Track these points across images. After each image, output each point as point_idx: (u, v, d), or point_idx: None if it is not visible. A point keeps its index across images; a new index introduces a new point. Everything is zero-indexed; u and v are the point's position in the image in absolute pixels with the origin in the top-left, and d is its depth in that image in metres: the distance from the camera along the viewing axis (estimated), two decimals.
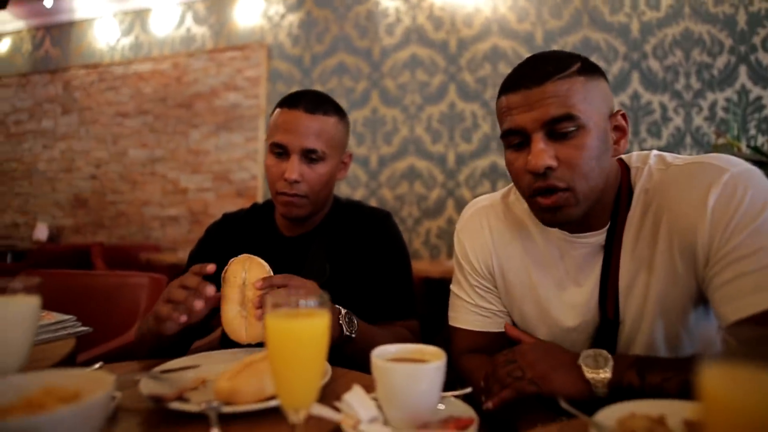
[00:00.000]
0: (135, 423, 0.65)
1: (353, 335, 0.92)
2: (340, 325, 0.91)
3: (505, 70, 3.66)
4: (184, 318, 0.81)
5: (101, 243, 4.49)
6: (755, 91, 3.19)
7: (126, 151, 4.85)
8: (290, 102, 1.09)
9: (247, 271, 0.89)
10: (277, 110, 1.10)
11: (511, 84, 0.76)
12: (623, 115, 0.78)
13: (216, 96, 4.51)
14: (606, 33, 3.49)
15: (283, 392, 0.49)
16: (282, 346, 0.49)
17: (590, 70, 0.75)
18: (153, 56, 4.78)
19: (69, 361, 1.02)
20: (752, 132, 3.18)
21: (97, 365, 0.87)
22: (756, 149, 1.90)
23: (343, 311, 0.93)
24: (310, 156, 1.06)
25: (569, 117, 0.71)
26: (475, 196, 1.01)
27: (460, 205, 3.76)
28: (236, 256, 1.17)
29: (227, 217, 1.28)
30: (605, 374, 0.66)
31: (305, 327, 0.49)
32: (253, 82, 4.37)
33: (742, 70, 3.22)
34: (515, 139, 0.76)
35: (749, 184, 0.68)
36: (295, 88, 4.26)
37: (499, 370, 0.74)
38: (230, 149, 4.45)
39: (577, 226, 0.82)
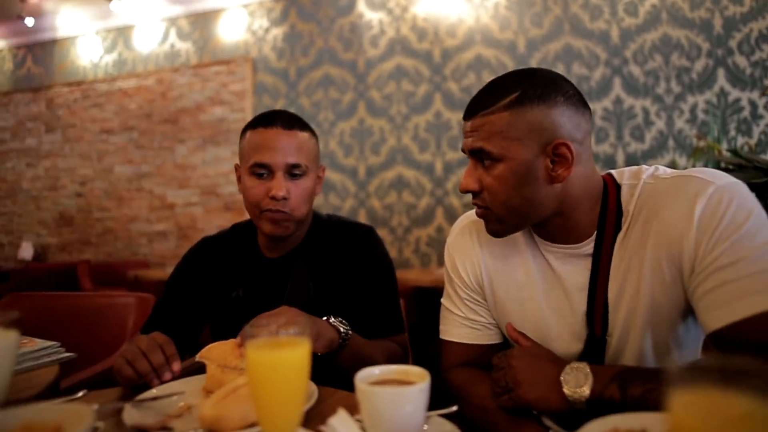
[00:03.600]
0: None
1: (350, 332, 0.94)
2: (334, 326, 0.92)
3: (489, 78, 3.68)
4: (155, 382, 0.85)
5: (88, 261, 4.44)
6: (734, 93, 3.26)
7: (112, 167, 4.82)
8: (264, 121, 1.08)
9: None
10: (250, 131, 1.09)
11: (464, 112, 0.84)
12: (567, 146, 0.76)
13: (202, 110, 4.50)
14: (587, 40, 3.54)
15: (265, 422, 0.49)
16: (262, 376, 0.48)
17: (526, 101, 0.75)
18: (137, 72, 4.76)
19: (53, 388, 1.00)
20: (732, 133, 3.24)
21: (80, 393, 0.85)
22: (735, 152, 1.94)
23: (332, 318, 0.94)
24: (293, 172, 1.07)
25: (481, 151, 0.78)
26: (464, 204, 1.05)
27: (449, 213, 3.78)
28: (217, 281, 1.17)
29: (206, 242, 1.25)
30: (584, 392, 0.67)
31: (286, 357, 0.49)
32: (238, 95, 4.37)
33: (720, 73, 3.29)
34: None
35: (734, 196, 0.70)
36: (281, 101, 4.28)
37: (492, 375, 0.78)
38: (217, 163, 4.43)
39: (556, 237, 0.83)
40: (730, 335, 0.65)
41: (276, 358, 0.48)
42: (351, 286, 1.12)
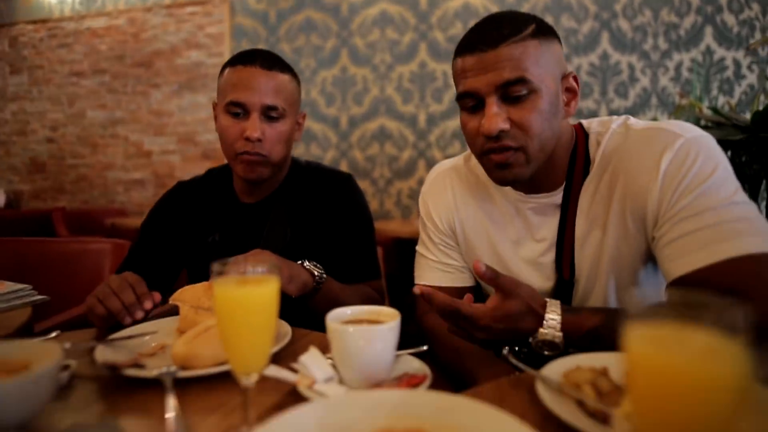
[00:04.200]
0: (90, 391, 0.65)
1: (324, 276, 0.94)
2: (308, 270, 0.93)
3: None
4: (127, 320, 0.84)
5: (63, 208, 4.33)
6: (719, 52, 3.24)
7: (84, 112, 4.63)
8: (244, 59, 1.05)
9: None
10: (229, 69, 1.06)
11: (466, 46, 0.76)
12: (575, 77, 0.79)
13: (177, 54, 4.30)
14: None
15: (234, 358, 0.49)
16: (230, 314, 0.48)
17: (544, 32, 0.75)
18: (107, 11, 4.49)
19: (26, 330, 1.00)
20: (714, 92, 3.25)
21: (53, 333, 0.85)
22: (715, 110, 1.95)
23: (306, 262, 0.94)
24: (269, 114, 1.04)
25: (522, 80, 0.72)
26: (446, 157, 1.03)
27: (431, 165, 3.75)
28: (193, 225, 1.16)
29: (182, 185, 1.24)
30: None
31: (253, 294, 0.48)
32: (216, 39, 4.17)
33: (708, 30, 3.25)
34: (470, 102, 0.77)
35: (701, 149, 0.71)
36: (261, 46, 4.09)
37: (459, 323, 0.73)
38: (195, 110, 4.29)
39: (531, 186, 0.84)
40: (692, 282, 0.67)
41: (243, 295, 0.48)
42: (328, 232, 1.12)
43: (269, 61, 1.05)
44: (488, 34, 0.73)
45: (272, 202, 1.14)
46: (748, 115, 2.87)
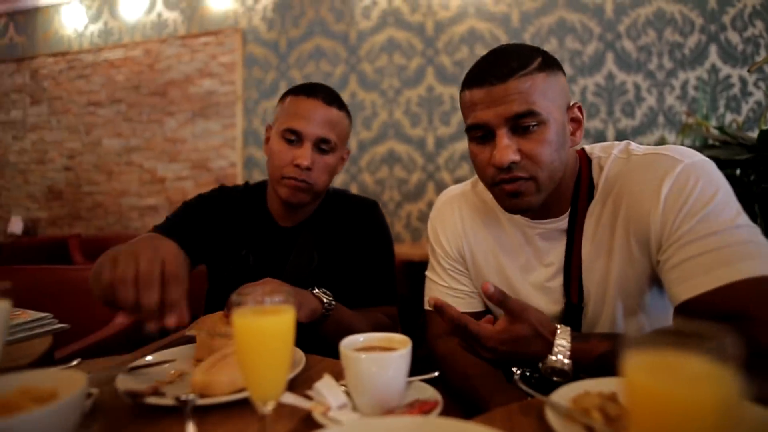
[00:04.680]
0: (112, 419, 0.67)
1: (333, 303, 0.96)
2: (317, 297, 0.95)
3: (482, 52, 3.64)
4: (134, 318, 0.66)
5: (79, 235, 4.42)
6: (725, 69, 3.26)
7: (100, 140, 4.75)
8: (307, 91, 1.11)
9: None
10: (291, 97, 1.12)
11: (475, 79, 0.78)
12: (579, 108, 0.81)
13: (191, 83, 4.42)
14: (581, 13, 3.50)
15: (252, 386, 0.51)
16: (249, 342, 0.50)
17: (550, 65, 0.78)
18: (124, 43, 4.65)
19: (47, 358, 1.02)
20: (721, 110, 3.25)
21: (74, 362, 0.88)
22: (721, 129, 1.96)
23: (316, 289, 0.96)
24: (321, 146, 1.10)
25: (531, 113, 0.74)
26: (455, 179, 1.06)
27: (441, 188, 3.79)
28: (227, 233, 1.17)
29: (224, 191, 1.25)
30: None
31: (271, 324, 0.51)
32: (228, 68, 4.29)
33: (713, 49, 3.28)
34: (479, 133, 0.79)
35: (700, 174, 0.72)
36: (272, 74, 4.18)
37: (468, 341, 0.77)
38: (207, 137, 4.39)
39: (538, 212, 0.86)
40: (697, 306, 0.68)
41: (261, 324, 0.51)
42: (352, 257, 1.16)
43: (330, 96, 1.12)
44: (497, 68, 0.76)
45: (305, 227, 1.19)
46: (756, 132, 2.87)
